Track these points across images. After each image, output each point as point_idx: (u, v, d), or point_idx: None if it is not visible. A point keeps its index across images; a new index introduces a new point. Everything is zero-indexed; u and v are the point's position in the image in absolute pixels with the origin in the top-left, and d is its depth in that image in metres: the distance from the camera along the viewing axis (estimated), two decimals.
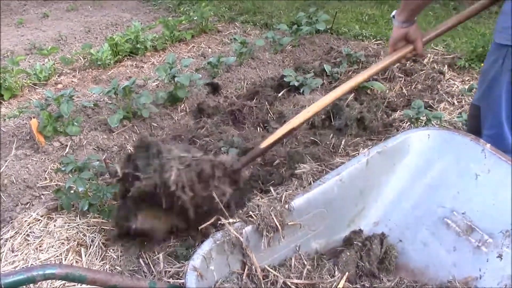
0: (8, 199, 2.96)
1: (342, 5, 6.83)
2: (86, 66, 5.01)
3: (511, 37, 2.05)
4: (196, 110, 3.88)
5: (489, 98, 2.27)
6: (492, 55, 2.22)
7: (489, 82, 2.24)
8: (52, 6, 7.40)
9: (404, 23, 2.31)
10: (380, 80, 4.07)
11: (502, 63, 2.13)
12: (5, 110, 4.13)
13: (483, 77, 2.31)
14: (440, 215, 2.09)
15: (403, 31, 2.34)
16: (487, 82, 2.25)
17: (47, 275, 1.50)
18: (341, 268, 2.06)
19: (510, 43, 2.06)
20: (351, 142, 3.30)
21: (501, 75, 2.15)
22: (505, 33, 2.08)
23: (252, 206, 2.00)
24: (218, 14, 6.50)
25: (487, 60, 2.27)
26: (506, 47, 2.09)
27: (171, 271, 2.36)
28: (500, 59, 2.13)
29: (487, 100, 2.29)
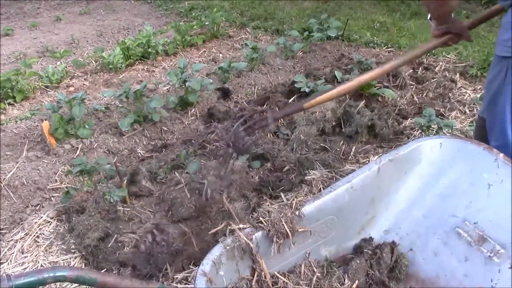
0: (19, 201, 2.98)
1: (354, 12, 6.82)
2: (97, 70, 5.04)
3: (511, 49, 2.05)
4: (206, 115, 3.89)
5: (493, 110, 2.26)
6: (494, 68, 2.22)
7: (493, 95, 2.23)
8: (65, 9, 7.45)
9: (439, 26, 2.35)
10: (391, 87, 4.05)
11: (504, 75, 2.13)
12: (17, 112, 4.16)
13: (487, 90, 2.31)
14: (451, 225, 2.07)
15: (441, 31, 2.37)
16: (491, 94, 2.25)
17: (57, 277, 1.51)
18: (351, 276, 2.05)
19: (511, 55, 2.05)
20: (361, 149, 3.29)
21: (504, 87, 2.15)
22: (505, 45, 2.08)
23: (263, 212, 2.00)
24: (229, 20, 6.51)
25: (490, 72, 2.27)
26: (507, 59, 2.08)
27: (180, 276, 2.36)
28: (503, 72, 2.13)
29: (492, 112, 2.28)
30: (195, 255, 2.42)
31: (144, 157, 3.41)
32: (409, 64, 4.61)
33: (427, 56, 4.98)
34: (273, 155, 3.16)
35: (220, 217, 2.52)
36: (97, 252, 2.49)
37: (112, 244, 2.50)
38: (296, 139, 3.30)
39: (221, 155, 3.10)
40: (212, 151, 3.29)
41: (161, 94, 4.26)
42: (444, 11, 2.25)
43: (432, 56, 4.97)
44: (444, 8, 2.23)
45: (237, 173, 2.89)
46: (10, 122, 3.92)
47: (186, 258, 2.43)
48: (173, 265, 2.39)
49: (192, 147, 3.34)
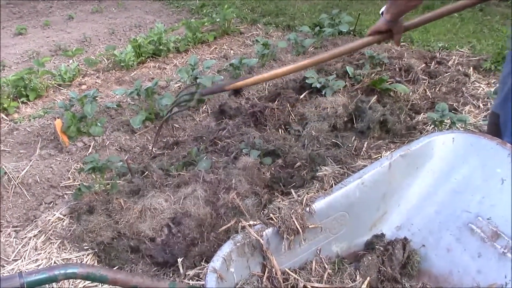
0: (32, 198, 3.00)
1: (365, 7, 6.77)
2: (109, 68, 5.06)
3: None
4: (217, 112, 3.89)
5: (507, 106, 2.23)
6: (508, 64, 2.19)
7: (507, 90, 2.20)
8: (77, 8, 7.50)
9: (389, 22, 2.36)
10: (404, 82, 4.02)
11: None
12: (31, 110, 4.20)
13: (501, 85, 2.29)
14: (464, 220, 2.05)
15: (388, 26, 2.40)
16: (506, 90, 2.21)
17: (68, 274, 1.52)
18: (363, 272, 2.04)
19: None
20: (373, 144, 3.27)
21: None
22: None
23: (273, 208, 1.99)
24: (240, 16, 6.50)
25: (505, 67, 2.25)
26: None
27: (191, 273, 2.36)
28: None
29: (506, 108, 2.25)
30: (207, 252, 2.43)
31: (155, 154, 3.42)
32: (421, 59, 4.57)
33: (439, 50, 4.93)
34: (284, 151, 3.16)
35: (232, 214, 2.53)
36: (109, 249, 2.51)
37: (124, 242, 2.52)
38: (307, 135, 3.29)
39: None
40: (224, 148, 3.30)
41: (173, 91, 4.27)
42: (411, 5, 2.25)
43: (445, 50, 4.92)
44: (412, 2, 2.23)
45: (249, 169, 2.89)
46: (23, 121, 3.95)
47: (198, 254, 2.44)
48: (185, 260, 2.40)
49: (204, 144, 3.35)
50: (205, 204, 2.61)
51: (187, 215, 2.54)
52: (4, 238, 2.73)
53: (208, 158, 3.10)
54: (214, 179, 2.83)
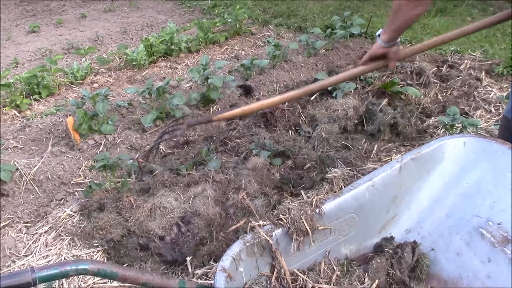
0: (44, 195, 3.03)
1: (377, 9, 6.76)
2: (121, 66, 5.09)
3: None
4: None
5: None
6: None
7: None
8: (90, 7, 7.55)
9: (386, 43, 2.30)
10: (415, 85, 4.00)
11: None
12: (43, 107, 4.24)
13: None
14: (475, 225, 2.04)
15: (384, 50, 2.33)
16: None
17: (79, 270, 1.53)
18: (371, 275, 2.04)
19: None
20: (383, 147, 3.27)
21: None
22: None
23: (283, 209, 2.00)
24: (252, 17, 6.52)
25: None
26: None
27: (200, 272, 2.37)
28: None
29: None
30: (216, 251, 2.44)
31: (166, 153, 3.44)
32: (433, 62, 4.56)
33: (451, 53, 4.91)
34: (294, 152, 3.16)
35: (241, 214, 2.53)
36: (119, 247, 2.52)
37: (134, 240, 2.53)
38: (317, 137, 3.29)
39: None
40: (234, 148, 3.31)
41: (184, 91, 4.29)
42: (415, 14, 2.19)
43: (457, 54, 4.90)
44: (416, 10, 2.17)
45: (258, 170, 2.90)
46: (35, 118, 3.99)
47: (207, 253, 2.45)
48: (194, 259, 2.41)
49: (214, 144, 3.36)
50: (215, 203, 2.62)
51: (197, 214, 2.55)
52: (15, 234, 2.75)
53: (218, 158, 3.11)
54: (223, 179, 2.84)
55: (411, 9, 2.15)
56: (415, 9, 2.15)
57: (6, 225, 2.82)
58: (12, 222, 2.85)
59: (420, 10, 2.17)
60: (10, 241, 2.68)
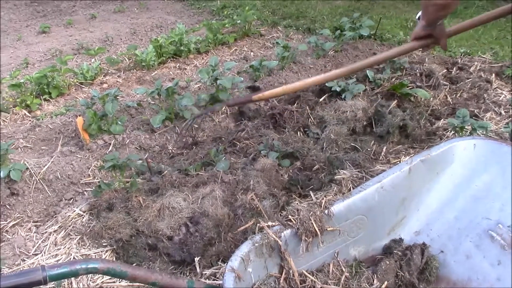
0: (53, 194, 3.05)
1: (387, 11, 6.75)
2: (130, 67, 5.11)
3: None
4: (237, 113, 3.90)
5: None
6: None
7: None
8: (100, 7, 7.59)
9: (427, 27, 2.27)
10: (424, 87, 3.99)
11: None
12: (53, 107, 4.26)
13: None
14: (484, 227, 2.03)
15: (427, 32, 2.30)
16: None
17: (89, 269, 1.54)
18: (380, 277, 2.03)
19: None
20: (392, 149, 3.25)
21: None
22: None
23: (292, 210, 2.00)
24: (261, 18, 6.52)
25: None
26: None
27: (208, 272, 2.37)
28: None
29: None
30: (224, 252, 2.44)
31: (174, 154, 3.45)
32: (442, 64, 4.54)
33: (461, 55, 4.89)
34: (302, 154, 3.16)
35: (249, 215, 2.54)
36: (127, 246, 2.53)
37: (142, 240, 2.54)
38: (326, 138, 3.29)
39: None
40: (242, 149, 3.31)
41: (193, 92, 4.30)
42: (444, 14, 2.17)
43: (467, 56, 4.88)
44: (444, 11, 2.14)
45: (267, 171, 2.90)
46: (45, 118, 4.02)
47: (215, 254, 2.46)
48: (202, 259, 2.42)
49: (222, 145, 3.36)
50: (223, 204, 2.62)
51: (205, 214, 2.55)
52: (25, 233, 2.77)
53: (226, 159, 3.11)
54: (232, 179, 2.85)
55: (436, 11, 2.13)
56: (440, 12, 2.13)
57: (16, 224, 2.84)
58: (22, 221, 2.87)
59: (445, 12, 2.14)
60: (20, 240, 2.70)
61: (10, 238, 2.74)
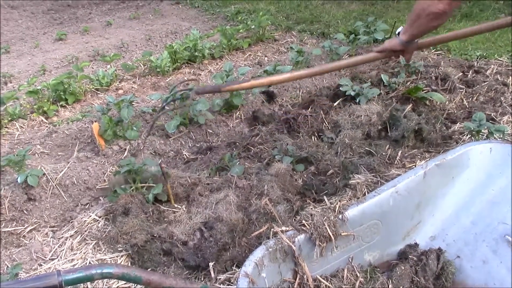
0: (69, 200, 3.08)
1: (402, 15, 6.71)
2: (146, 73, 5.15)
3: None
4: (251, 118, 3.91)
5: None
6: None
7: None
8: (115, 14, 7.67)
9: (406, 43, 2.31)
10: (440, 91, 3.96)
11: None
12: (69, 114, 4.31)
13: None
14: (501, 232, 2.01)
15: (402, 47, 2.35)
16: None
17: (104, 274, 1.55)
18: (395, 282, 2.02)
19: None
20: (407, 153, 3.23)
21: None
22: None
23: (305, 215, 1.99)
24: (275, 23, 6.53)
25: None
26: None
27: (222, 277, 2.38)
28: None
29: None
30: (239, 257, 2.44)
31: (189, 159, 3.46)
32: (458, 67, 4.50)
33: (477, 59, 4.85)
34: (317, 158, 3.15)
35: (263, 220, 2.53)
36: (143, 252, 2.55)
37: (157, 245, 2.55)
38: (340, 143, 3.27)
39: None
40: (256, 154, 3.31)
41: (207, 97, 4.31)
42: (436, 25, 2.19)
43: (483, 59, 4.83)
44: (438, 21, 2.16)
45: (281, 175, 2.90)
46: (62, 124, 4.06)
47: (230, 259, 2.46)
48: (217, 264, 2.42)
49: (237, 150, 3.37)
50: (237, 209, 2.63)
51: (219, 220, 2.56)
52: (41, 238, 2.81)
53: (240, 164, 3.12)
54: (246, 184, 2.85)
55: (429, 21, 2.15)
56: (433, 22, 2.16)
57: (33, 229, 2.88)
58: (39, 226, 2.90)
59: (437, 22, 2.18)
60: (37, 245, 2.73)
61: (28, 243, 2.78)
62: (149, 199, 2.83)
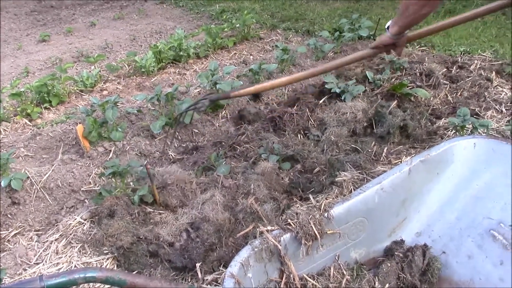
0: (54, 203, 3.05)
1: (386, 11, 6.73)
2: (130, 73, 5.11)
3: None
4: (237, 117, 3.90)
5: None
6: None
7: None
8: (99, 15, 7.61)
9: (395, 36, 2.39)
10: (425, 87, 3.98)
11: None
12: (53, 115, 4.26)
13: None
14: (486, 227, 2.02)
15: (393, 41, 2.43)
16: None
17: (88, 278, 1.54)
18: (382, 279, 2.02)
19: None
20: (393, 150, 3.24)
21: None
22: None
23: (291, 214, 1.99)
24: (260, 22, 6.52)
25: None
26: None
27: (209, 278, 2.36)
28: None
29: None
30: (226, 257, 2.44)
31: (175, 159, 3.44)
32: (442, 63, 4.53)
33: (461, 54, 4.88)
34: (303, 156, 3.15)
35: (250, 219, 2.53)
36: (129, 254, 2.53)
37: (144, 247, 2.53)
38: (326, 140, 3.28)
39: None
40: (243, 153, 3.30)
41: (192, 97, 4.29)
42: (425, 14, 2.24)
43: (467, 55, 4.86)
44: (426, 9, 2.21)
45: (267, 174, 2.90)
46: (46, 126, 4.02)
47: (217, 259, 2.45)
48: (204, 264, 2.41)
49: (223, 149, 3.36)
50: (224, 209, 2.62)
51: (206, 220, 2.55)
52: (26, 242, 2.77)
53: (227, 163, 3.11)
54: (232, 184, 2.84)
55: (418, 9, 2.22)
56: (422, 9, 2.22)
57: (18, 233, 2.84)
58: (23, 230, 2.87)
59: (427, 10, 2.23)
60: (21, 249, 2.70)
61: (12, 248, 2.74)
62: (134, 201, 2.80)
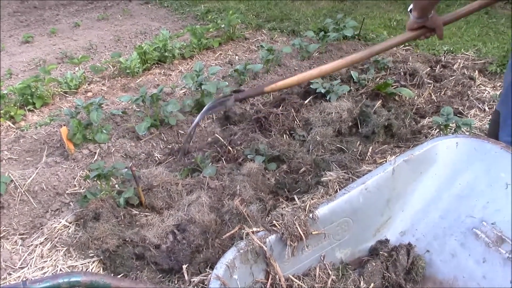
0: (39, 206, 3.02)
1: (370, 11, 6.78)
2: (115, 75, 5.09)
3: None
4: (222, 118, 3.90)
5: (507, 103, 2.24)
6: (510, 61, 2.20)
7: (507, 88, 2.21)
8: (83, 15, 7.55)
9: (418, 19, 2.37)
10: (409, 86, 4.01)
11: None
12: (37, 118, 4.23)
13: (504, 84, 2.30)
14: (469, 226, 2.04)
15: (419, 24, 2.40)
16: (505, 88, 2.23)
17: (72, 282, 1.53)
18: (367, 278, 2.03)
19: None
20: (378, 149, 3.27)
21: None
22: None
23: (276, 215, 2.00)
24: (245, 22, 6.52)
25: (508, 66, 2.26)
26: None
27: (196, 279, 2.36)
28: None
29: (506, 105, 2.26)
30: (212, 258, 2.43)
31: (161, 160, 3.43)
32: (426, 62, 4.57)
33: (445, 53, 4.93)
34: (289, 156, 3.16)
35: (236, 220, 2.53)
36: (114, 257, 2.51)
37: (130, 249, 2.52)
38: (312, 140, 3.29)
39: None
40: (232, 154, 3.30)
41: (178, 98, 4.29)
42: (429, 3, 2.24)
43: (451, 54, 4.91)
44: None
45: (253, 175, 2.90)
46: (30, 128, 3.98)
47: (203, 261, 2.45)
48: (190, 266, 2.40)
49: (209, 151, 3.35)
50: (210, 210, 2.62)
51: (192, 221, 2.55)
52: (10, 246, 2.74)
53: (213, 165, 3.10)
54: (218, 185, 2.85)
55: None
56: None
57: (2, 237, 2.81)
58: (7, 234, 2.83)
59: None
60: (6, 253, 2.67)
61: None
62: (120, 203, 2.79)
